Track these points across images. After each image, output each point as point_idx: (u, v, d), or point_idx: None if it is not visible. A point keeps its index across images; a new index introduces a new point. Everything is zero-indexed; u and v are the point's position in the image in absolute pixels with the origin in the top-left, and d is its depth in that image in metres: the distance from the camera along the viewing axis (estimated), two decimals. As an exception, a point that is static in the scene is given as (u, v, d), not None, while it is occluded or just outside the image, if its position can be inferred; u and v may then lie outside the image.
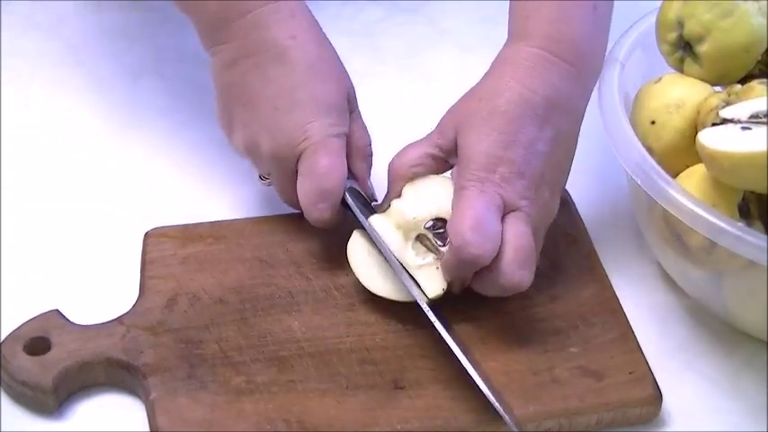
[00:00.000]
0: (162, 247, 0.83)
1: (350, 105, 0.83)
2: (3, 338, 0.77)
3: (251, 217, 0.86)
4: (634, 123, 0.81)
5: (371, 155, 0.84)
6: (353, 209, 0.80)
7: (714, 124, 0.76)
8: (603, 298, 0.81)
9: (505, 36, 0.81)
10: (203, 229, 0.84)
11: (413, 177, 0.79)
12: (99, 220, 0.87)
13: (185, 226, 0.85)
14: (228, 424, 0.73)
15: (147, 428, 0.74)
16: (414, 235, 0.78)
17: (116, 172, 0.91)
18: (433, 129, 0.80)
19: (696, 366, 0.80)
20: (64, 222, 0.87)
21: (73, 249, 0.85)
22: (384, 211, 0.79)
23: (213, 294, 0.80)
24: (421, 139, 0.80)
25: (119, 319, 0.78)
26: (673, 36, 0.83)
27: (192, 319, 0.78)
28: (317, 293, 0.80)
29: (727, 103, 0.78)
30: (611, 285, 0.82)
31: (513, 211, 0.76)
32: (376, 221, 0.79)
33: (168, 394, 0.74)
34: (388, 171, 0.80)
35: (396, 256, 0.78)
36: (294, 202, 0.82)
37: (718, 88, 0.82)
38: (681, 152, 0.80)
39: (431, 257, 0.78)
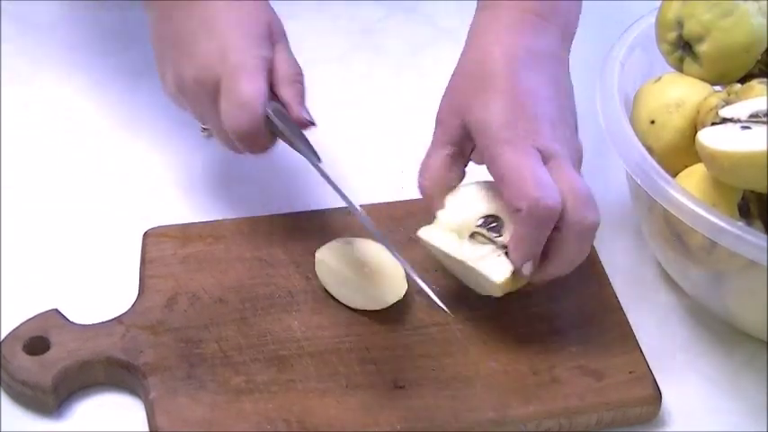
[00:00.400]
0: (161, 246, 0.83)
1: (274, 37, 0.82)
2: (2, 338, 0.76)
3: (251, 217, 0.85)
4: (634, 123, 0.81)
5: (301, 82, 0.83)
6: (278, 126, 0.79)
7: (714, 124, 0.76)
8: (603, 298, 0.81)
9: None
10: (203, 229, 0.84)
11: (449, 189, 0.78)
12: (99, 219, 0.87)
13: (185, 226, 0.85)
14: (228, 424, 0.73)
15: (147, 428, 0.74)
16: (467, 234, 0.77)
17: (116, 171, 0.91)
18: (435, 129, 0.79)
19: (696, 366, 0.80)
20: (64, 222, 0.87)
21: (73, 249, 0.85)
22: (431, 223, 0.78)
23: (213, 294, 0.80)
24: (430, 148, 0.79)
25: (118, 319, 0.78)
26: (672, 36, 0.83)
27: (191, 318, 0.78)
28: (317, 293, 0.80)
29: (727, 103, 0.78)
30: (611, 285, 0.82)
31: (551, 158, 0.75)
32: (426, 232, 0.77)
33: (168, 394, 0.74)
34: (421, 192, 0.79)
35: (453, 255, 0.76)
36: (226, 142, 0.81)
37: (717, 88, 0.82)
38: (681, 152, 0.80)
39: (489, 248, 0.76)
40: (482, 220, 0.77)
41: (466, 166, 0.79)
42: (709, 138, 0.74)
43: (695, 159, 0.77)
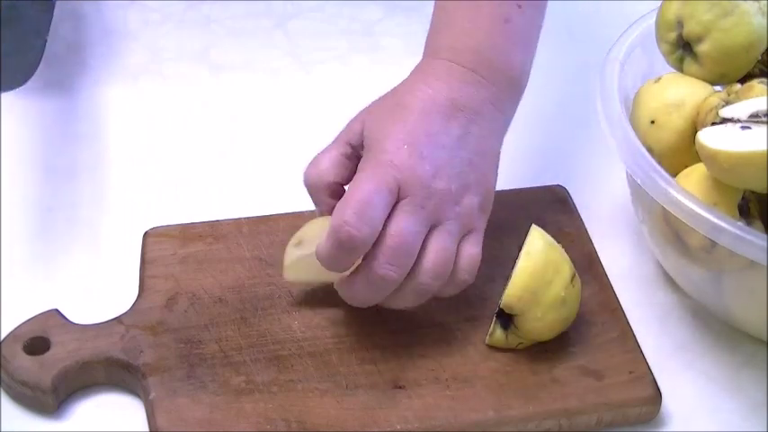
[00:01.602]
0: (161, 246, 0.83)
1: None
2: (2, 338, 0.76)
3: (251, 217, 0.85)
4: (634, 123, 0.81)
5: None
6: None
7: (714, 124, 0.76)
8: (603, 298, 0.81)
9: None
10: (203, 229, 0.84)
11: (331, 185, 0.78)
12: (99, 219, 0.87)
13: (185, 226, 0.85)
14: (228, 424, 0.73)
15: (147, 428, 0.74)
16: None
17: (116, 172, 0.91)
18: (340, 133, 0.80)
19: (696, 366, 0.80)
20: (63, 222, 0.87)
21: (73, 249, 0.85)
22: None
23: (213, 294, 0.80)
24: (330, 144, 0.80)
25: (118, 319, 0.78)
26: (672, 36, 0.83)
27: (191, 318, 0.78)
28: (317, 293, 0.80)
29: (727, 103, 0.78)
30: (611, 285, 0.82)
31: (407, 197, 0.74)
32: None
33: (168, 394, 0.74)
34: (305, 183, 0.79)
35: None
36: None
37: (718, 88, 0.82)
38: (681, 152, 0.80)
39: None
40: None
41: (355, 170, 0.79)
42: (710, 138, 0.74)
43: (695, 159, 0.77)
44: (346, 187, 0.78)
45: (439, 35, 0.82)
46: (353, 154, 0.78)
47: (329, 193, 0.78)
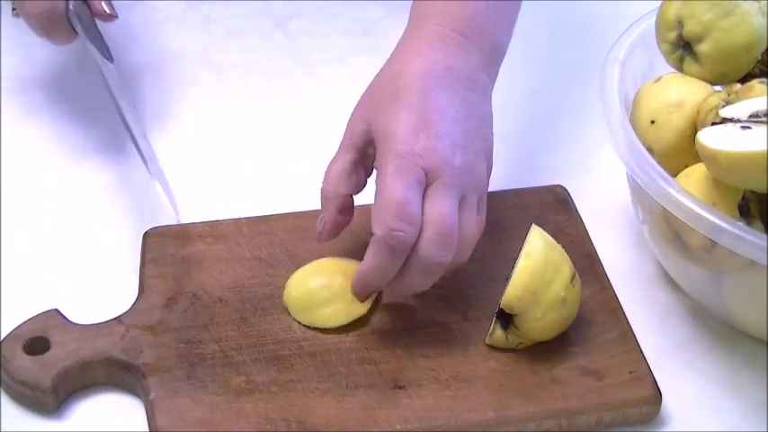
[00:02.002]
0: (161, 246, 0.83)
1: None
2: (2, 338, 0.76)
3: (251, 217, 0.85)
4: (634, 123, 0.81)
5: None
6: (74, 22, 0.84)
7: (714, 124, 0.76)
8: (603, 298, 0.81)
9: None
10: (203, 229, 0.84)
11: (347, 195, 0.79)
12: (99, 219, 0.87)
13: (185, 226, 0.85)
14: (228, 424, 0.73)
15: (147, 428, 0.74)
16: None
17: (116, 171, 0.91)
18: (344, 133, 0.80)
19: (696, 366, 0.80)
20: (64, 222, 0.87)
21: (73, 249, 0.85)
22: None
23: (213, 294, 0.80)
24: (337, 153, 0.79)
25: (118, 319, 0.78)
26: (672, 36, 0.83)
27: (191, 318, 0.78)
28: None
29: (727, 103, 0.78)
30: (611, 285, 0.82)
31: (434, 182, 0.75)
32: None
33: (168, 394, 0.74)
34: (321, 196, 0.79)
35: None
36: (37, 21, 0.84)
37: (718, 88, 0.82)
38: (681, 152, 0.80)
39: None
40: None
41: (369, 173, 0.79)
42: (710, 138, 0.74)
43: (695, 159, 0.77)
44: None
45: (425, 7, 0.81)
46: (361, 158, 0.78)
47: (338, 205, 0.78)
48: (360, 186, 0.79)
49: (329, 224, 0.79)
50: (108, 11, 0.85)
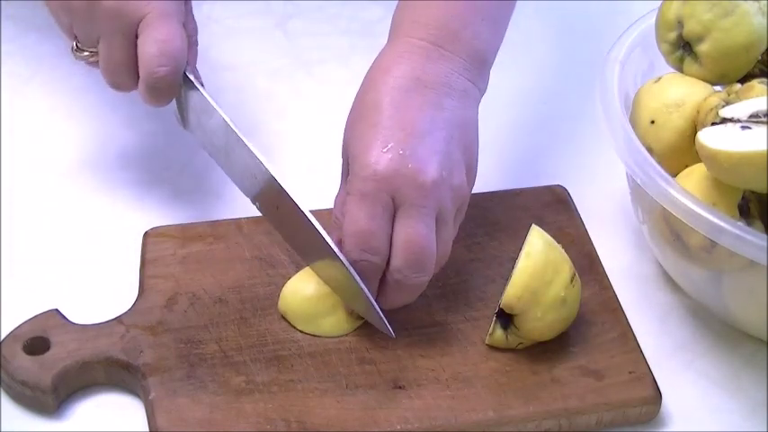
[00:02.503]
0: (161, 246, 0.83)
1: None
2: (2, 338, 0.76)
3: (251, 217, 0.85)
4: (634, 123, 0.81)
5: (197, 44, 0.84)
6: (193, 81, 0.81)
7: (714, 124, 0.76)
8: (603, 298, 0.81)
9: (505, 36, 0.82)
10: (203, 229, 0.84)
11: None
12: (99, 219, 0.87)
13: (185, 225, 0.85)
14: (228, 424, 0.73)
15: (147, 428, 0.74)
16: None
17: (116, 171, 0.91)
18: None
19: (696, 366, 0.80)
20: (64, 222, 0.87)
21: (73, 249, 0.85)
22: None
23: (213, 294, 0.80)
24: (340, 187, 0.79)
25: (118, 319, 0.78)
26: (672, 36, 0.83)
27: (191, 318, 0.78)
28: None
29: (727, 103, 0.78)
30: (611, 285, 0.82)
31: (403, 205, 0.74)
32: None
33: (168, 394, 0.74)
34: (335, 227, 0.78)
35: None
36: (119, 77, 0.81)
37: (718, 88, 0.82)
38: (681, 152, 0.80)
39: None
40: None
41: None
42: (710, 138, 0.74)
43: (695, 159, 0.77)
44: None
45: (403, 12, 0.81)
46: None
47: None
48: None
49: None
50: (199, 80, 0.82)
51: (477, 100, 0.79)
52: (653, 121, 0.81)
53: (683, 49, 0.83)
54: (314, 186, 0.83)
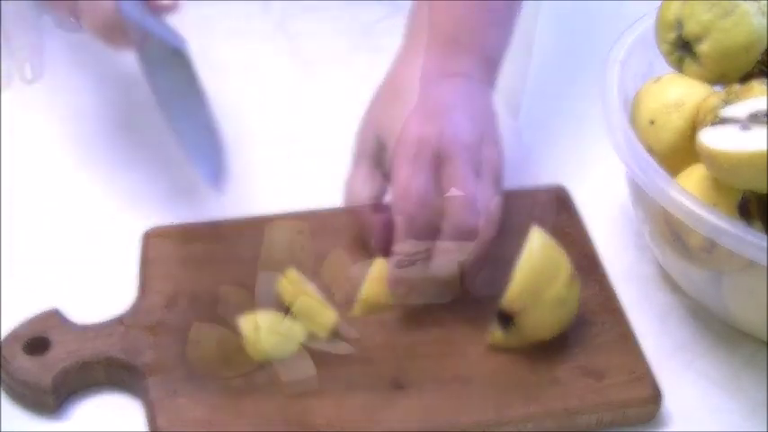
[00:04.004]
0: (161, 246, 0.83)
1: None
2: (2, 338, 0.76)
3: (251, 217, 0.85)
4: (634, 123, 0.81)
5: None
6: (133, 22, 0.81)
7: (714, 124, 0.76)
8: (603, 298, 0.81)
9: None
10: (203, 229, 0.84)
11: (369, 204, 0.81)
12: (99, 219, 0.87)
13: (185, 226, 0.85)
14: (228, 424, 0.73)
15: (147, 428, 0.74)
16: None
17: (116, 171, 0.91)
18: (354, 145, 0.83)
19: (696, 366, 0.80)
20: (64, 222, 0.87)
21: (73, 249, 0.85)
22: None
23: (213, 294, 0.80)
24: (352, 166, 0.82)
25: (118, 319, 0.78)
26: (672, 36, 0.83)
27: (191, 318, 0.78)
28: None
29: (727, 103, 0.78)
30: (611, 285, 0.82)
31: (447, 161, 0.78)
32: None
33: (168, 394, 0.74)
34: (349, 213, 0.82)
35: None
36: (99, 34, 0.82)
37: (717, 88, 0.82)
38: (681, 152, 0.80)
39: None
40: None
41: (388, 179, 0.81)
42: (710, 138, 0.74)
43: (695, 159, 0.77)
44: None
45: (418, 15, 0.86)
46: (375, 165, 0.82)
47: (369, 209, 0.81)
48: (380, 191, 0.81)
49: (372, 229, 0.80)
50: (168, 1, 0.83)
51: (492, 95, 0.84)
52: (653, 122, 0.81)
53: (682, 49, 0.83)
54: (314, 186, 0.83)
